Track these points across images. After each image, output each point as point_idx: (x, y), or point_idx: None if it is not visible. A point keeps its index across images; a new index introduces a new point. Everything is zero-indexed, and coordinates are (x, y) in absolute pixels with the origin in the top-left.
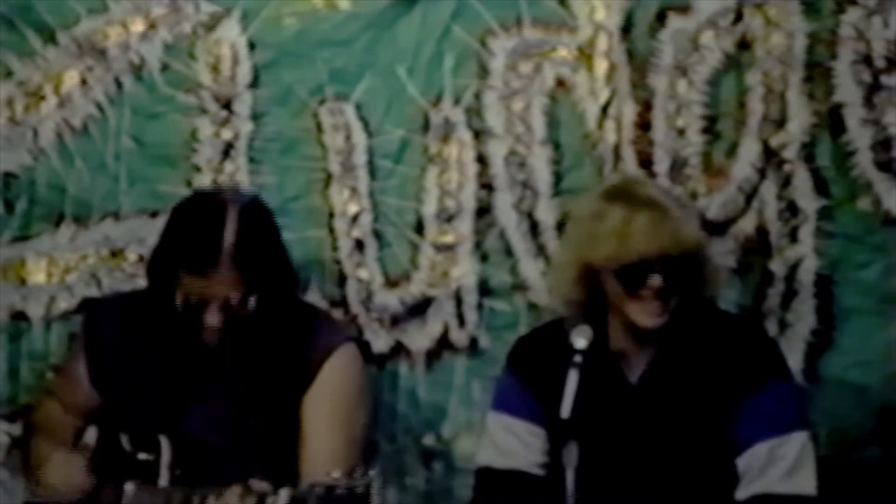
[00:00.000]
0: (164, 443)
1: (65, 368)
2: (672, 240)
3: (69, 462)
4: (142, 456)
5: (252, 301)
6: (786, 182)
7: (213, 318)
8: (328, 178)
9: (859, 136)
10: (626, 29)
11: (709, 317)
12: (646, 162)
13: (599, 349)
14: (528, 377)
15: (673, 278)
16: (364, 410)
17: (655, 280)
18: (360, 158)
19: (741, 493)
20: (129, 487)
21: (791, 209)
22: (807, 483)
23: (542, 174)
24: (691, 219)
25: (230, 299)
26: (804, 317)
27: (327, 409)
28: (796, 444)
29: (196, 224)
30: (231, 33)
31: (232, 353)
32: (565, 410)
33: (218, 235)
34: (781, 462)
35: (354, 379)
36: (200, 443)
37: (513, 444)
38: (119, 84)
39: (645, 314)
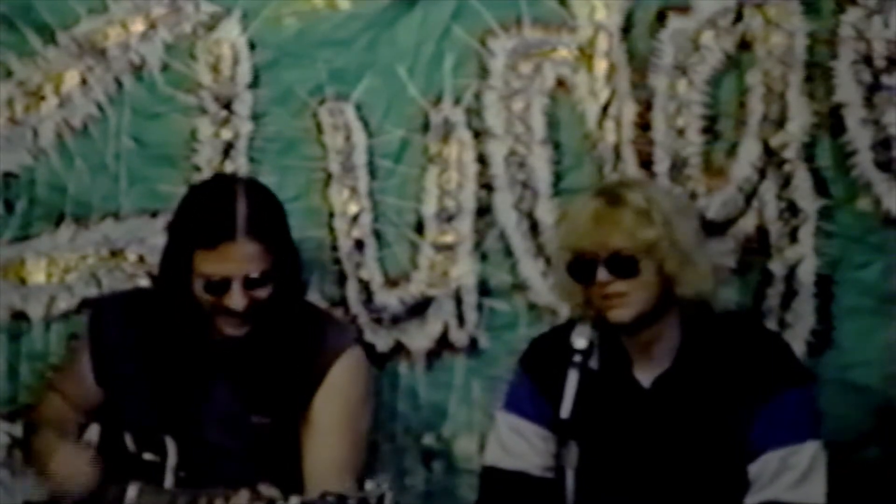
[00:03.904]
0: (170, 444)
1: (68, 366)
2: (616, 234)
3: (76, 454)
4: (147, 457)
5: (270, 281)
6: (786, 182)
7: (237, 300)
8: (328, 178)
9: (859, 136)
10: (626, 29)
11: (723, 322)
12: (646, 162)
13: (611, 351)
14: (539, 379)
15: (624, 272)
16: (369, 413)
17: (602, 274)
18: (360, 158)
19: (750, 500)
20: (132, 487)
21: (791, 209)
22: (816, 493)
23: (542, 174)
24: (663, 216)
25: (251, 275)
26: (804, 317)
27: (335, 411)
28: (808, 453)
29: (207, 201)
30: (231, 33)
31: (245, 348)
32: (565, 410)
33: (231, 207)
34: (793, 471)
35: (361, 382)
36: (207, 443)
37: (520, 445)
38: (119, 84)
39: (608, 308)
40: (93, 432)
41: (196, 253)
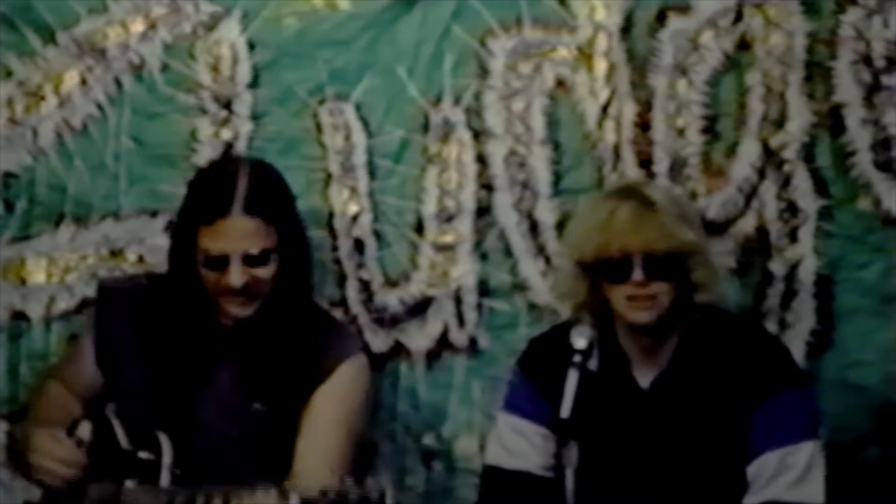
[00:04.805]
0: (165, 442)
1: (71, 349)
2: (656, 234)
3: (57, 439)
4: (142, 455)
5: (273, 261)
6: (786, 182)
7: (236, 277)
8: (328, 178)
9: (859, 136)
10: (626, 29)
11: (720, 323)
12: (646, 162)
13: (610, 351)
14: (538, 379)
15: (658, 273)
16: (365, 419)
17: (637, 274)
18: (360, 158)
19: (749, 500)
20: (128, 486)
21: (791, 209)
22: (815, 493)
23: (542, 174)
24: (688, 220)
25: (249, 251)
26: (804, 317)
27: (334, 408)
28: (806, 453)
29: (208, 178)
30: (231, 33)
31: (248, 333)
32: (565, 410)
33: (231, 185)
34: (791, 471)
35: (362, 389)
36: (203, 428)
37: (521, 445)
38: (119, 84)
39: (632, 309)
40: (84, 429)
41: (199, 230)
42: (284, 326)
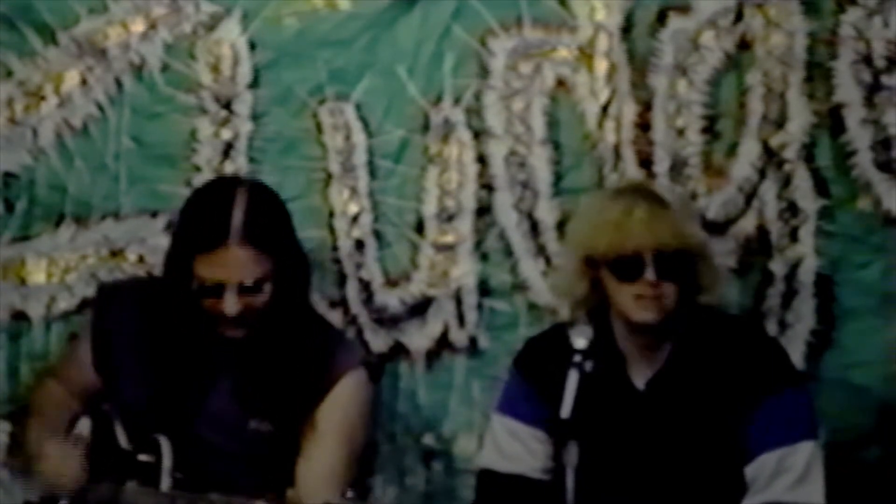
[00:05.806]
0: (165, 445)
1: (70, 349)
2: (670, 234)
3: (64, 452)
4: (142, 457)
5: (267, 288)
6: (786, 182)
7: (230, 305)
8: (328, 178)
9: (859, 136)
10: (626, 29)
11: (717, 324)
12: (646, 162)
13: (606, 351)
14: (535, 380)
15: (669, 273)
16: (366, 433)
17: (650, 273)
18: (360, 158)
19: (749, 502)
20: (129, 487)
21: (791, 209)
22: (815, 493)
23: (542, 174)
24: (694, 220)
25: (244, 282)
26: (804, 317)
27: (335, 423)
28: (805, 454)
29: (205, 205)
30: (231, 33)
31: (246, 351)
32: (565, 410)
33: (227, 213)
34: (790, 472)
35: (363, 402)
36: (201, 441)
37: (516, 448)
38: (119, 84)
39: (639, 308)
40: (84, 426)
41: (195, 256)
42: (283, 344)
